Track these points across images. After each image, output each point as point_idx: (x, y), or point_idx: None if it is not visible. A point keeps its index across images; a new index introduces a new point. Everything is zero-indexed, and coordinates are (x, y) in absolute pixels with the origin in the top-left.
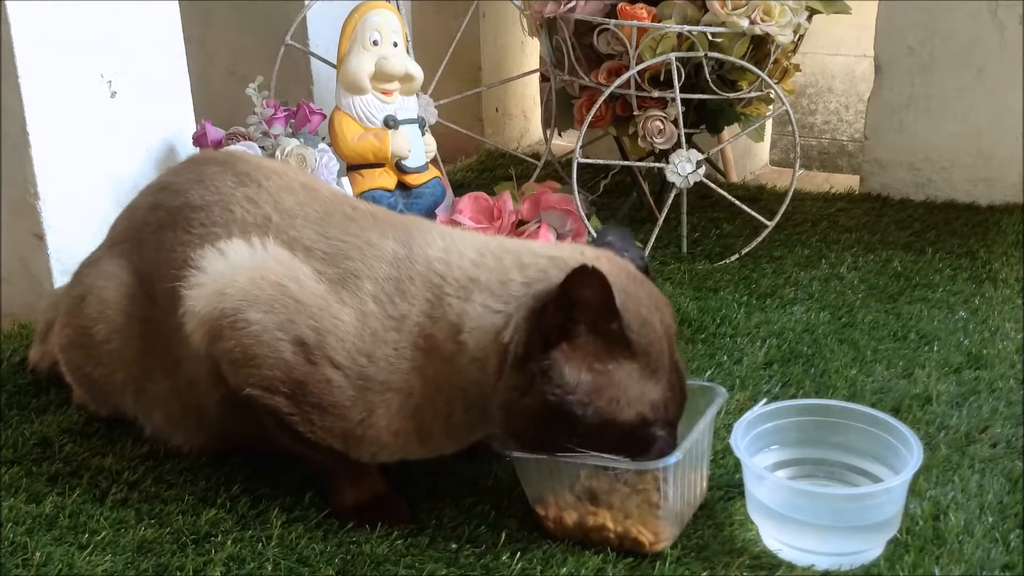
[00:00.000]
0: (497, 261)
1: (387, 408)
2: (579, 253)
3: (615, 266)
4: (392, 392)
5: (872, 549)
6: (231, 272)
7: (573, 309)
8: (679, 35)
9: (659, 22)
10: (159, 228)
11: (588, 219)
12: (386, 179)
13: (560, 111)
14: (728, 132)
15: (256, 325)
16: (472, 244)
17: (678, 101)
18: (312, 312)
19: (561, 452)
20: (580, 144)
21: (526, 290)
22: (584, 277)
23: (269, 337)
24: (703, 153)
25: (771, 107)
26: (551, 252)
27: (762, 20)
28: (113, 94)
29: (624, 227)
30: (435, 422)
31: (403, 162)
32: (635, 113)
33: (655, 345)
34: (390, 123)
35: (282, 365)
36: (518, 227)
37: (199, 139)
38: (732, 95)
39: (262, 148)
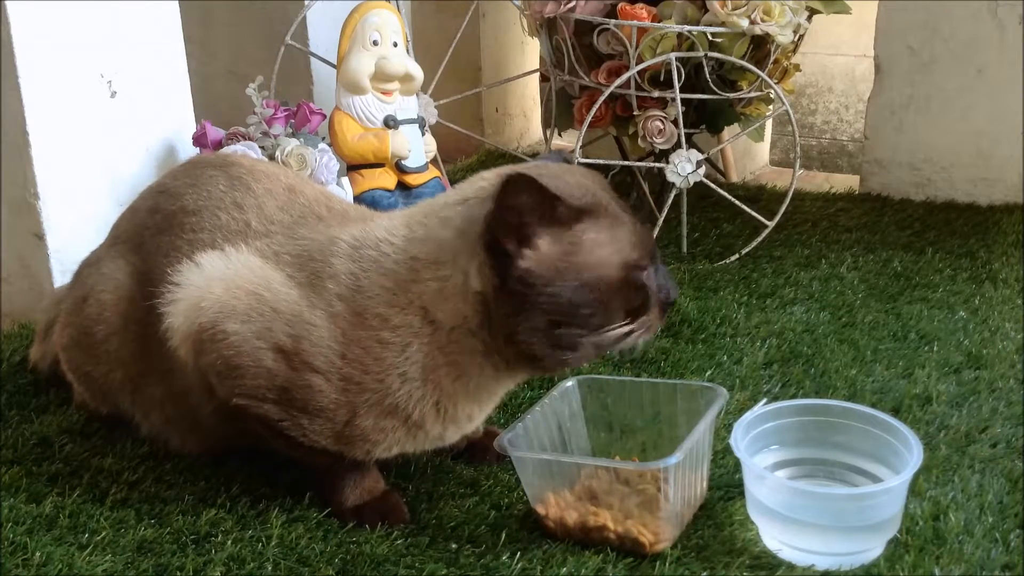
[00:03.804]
0: (423, 227)
1: (368, 408)
2: (481, 177)
3: (525, 166)
4: (370, 392)
5: (872, 549)
6: (206, 284)
7: (518, 217)
8: (679, 35)
9: (659, 22)
10: (158, 232)
11: None
12: (386, 179)
13: (560, 111)
14: (728, 132)
15: (235, 336)
16: (404, 218)
17: (678, 101)
18: (287, 319)
19: (580, 341)
20: (580, 144)
21: (462, 240)
22: (511, 187)
23: (249, 347)
24: (703, 153)
25: (771, 107)
26: (461, 192)
27: (762, 20)
28: (113, 94)
29: None
30: (425, 413)
31: (403, 162)
32: (635, 113)
33: (600, 196)
34: (390, 123)
35: (265, 373)
36: None
37: (199, 139)
38: (732, 95)
39: (262, 148)
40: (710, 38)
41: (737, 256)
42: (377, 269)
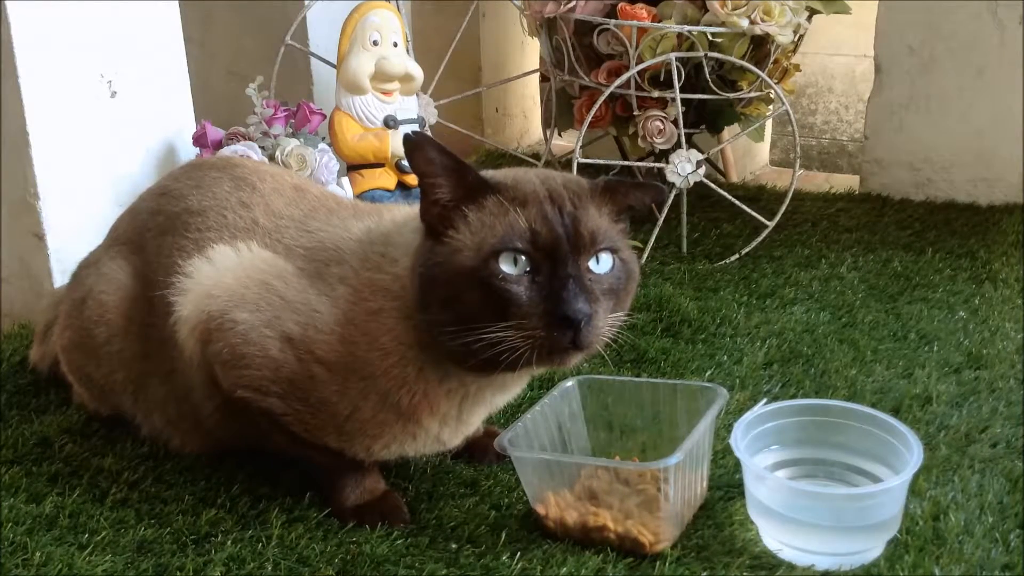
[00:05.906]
0: (405, 219)
1: (365, 399)
2: None
3: None
4: (366, 380)
5: (872, 549)
6: (217, 275)
7: (431, 177)
8: (679, 35)
9: (659, 22)
10: (160, 233)
11: None
12: (386, 179)
13: (560, 111)
14: (728, 132)
15: (243, 324)
16: (403, 211)
17: (678, 101)
18: (296, 307)
19: (469, 330)
20: (580, 144)
21: (411, 221)
22: (413, 143)
23: (256, 335)
24: (703, 153)
25: (771, 107)
26: None
27: (762, 20)
28: (113, 94)
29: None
30: (415, 404)
31: (403, 162)
32: (635, 113)
33: (522, 179)
34: (390, 123)
35: (270, 363)
36: None
37: (199, 139)
38: (732, 95)
39: (262, 148)
40: (710, 38)
41: (737, 256)
42: (379, 249)
